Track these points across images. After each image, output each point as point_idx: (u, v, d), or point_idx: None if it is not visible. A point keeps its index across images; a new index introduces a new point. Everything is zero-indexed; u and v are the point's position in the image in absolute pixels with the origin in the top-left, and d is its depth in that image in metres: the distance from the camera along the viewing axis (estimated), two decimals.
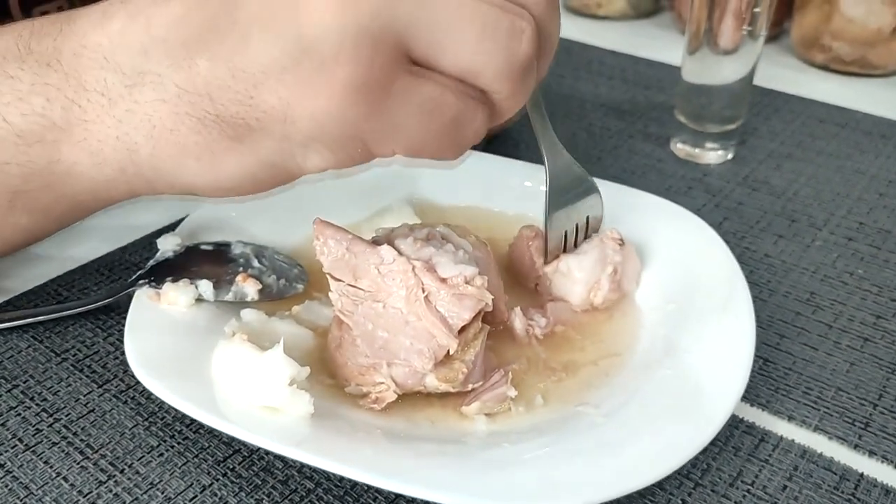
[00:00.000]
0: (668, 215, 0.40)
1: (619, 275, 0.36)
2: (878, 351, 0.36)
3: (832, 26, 0.63)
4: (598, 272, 0.36)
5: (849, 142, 0.54)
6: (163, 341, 0.31)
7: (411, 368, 0.30)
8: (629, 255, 0.37)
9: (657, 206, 0.40)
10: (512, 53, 0.26)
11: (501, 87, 0.27)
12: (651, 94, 0.60)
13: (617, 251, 0.36)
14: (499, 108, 0.28)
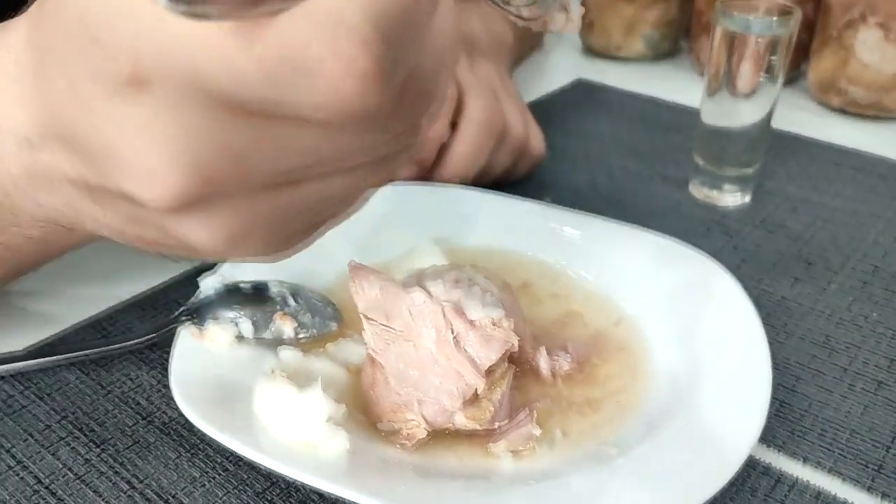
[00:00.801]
0: (685, 259, 0.41)
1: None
2: (891, 394, 0.37)
3: (848, 71, 0.65)
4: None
5: (864, 186, 0.55)
6: (206, 377, 0.33)
7: (441, 407, 0.32)
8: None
9: (675, 251, 0.42)
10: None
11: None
12: (669, 136, 0.62)
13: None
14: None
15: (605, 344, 0.38)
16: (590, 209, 0.50)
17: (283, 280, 0.39)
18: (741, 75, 0.50)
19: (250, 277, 0.39)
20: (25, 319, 0.40)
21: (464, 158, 0.48)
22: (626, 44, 0.76)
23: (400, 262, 0.42)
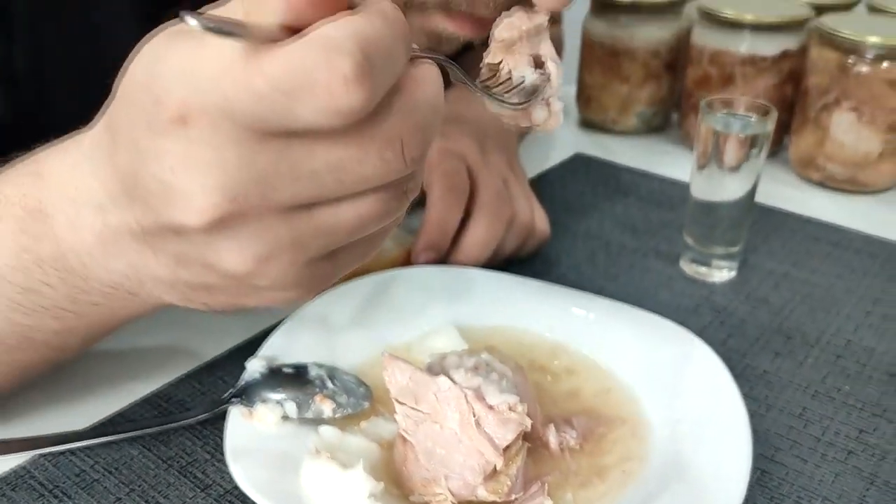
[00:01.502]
0: (675, 338, 0.46)
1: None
2: (859, 463, 0.42)
3: (825, 149, 0.71)
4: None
5: (840, 261, 0.61)
6: (256, 453, 0.38)
7: (465, 481, 0.36)
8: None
9: (667, 330, 0.47)
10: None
11: None
12: (662, 212, 0.68)
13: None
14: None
15: (607, 417, 0.43)
16: (591, 285, 0.55)
17: (320, 363, 0.44)
18: (728, 151, 0.56)
19: (290, 360, 0.44)
20: (87, 395, 0.45)
21: (477, 244, 0.53)
22: (621, 119, 0.82)
23: (421, 341, 0.48)
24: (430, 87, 0.27)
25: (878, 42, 0.65)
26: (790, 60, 0.72)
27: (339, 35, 0.24)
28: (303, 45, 0.24)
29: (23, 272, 0.33)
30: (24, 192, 0.32)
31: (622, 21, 0.78)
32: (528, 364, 0.46)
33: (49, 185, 0.32)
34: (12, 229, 0.32)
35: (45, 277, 0.33)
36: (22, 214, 0.32)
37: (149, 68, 0.26)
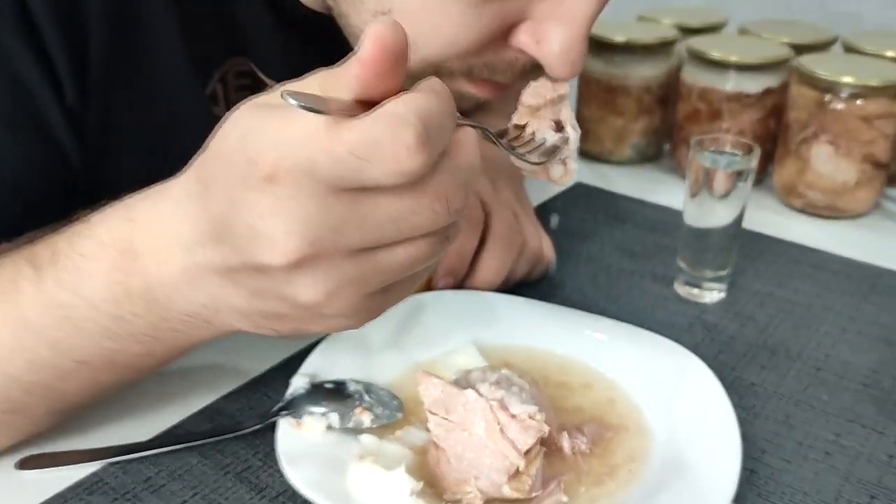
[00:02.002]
0: (672, 354, 0.52)
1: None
2: (836, 462, 0.47)
3: (806, 178, 0.77)
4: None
5: (819, 281, 0.67)
6: (306, 459, 0.43)
7: (492, 481, 0.42)
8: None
9: (664, 347, 0.53)
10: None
11: None
12: (657, 236, 0.73)
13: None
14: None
15: (613, 424, 0.49)
16: (594, 306, 0.61)
17: (357, 379, 0.49)
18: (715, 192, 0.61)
19: (330, 377, 0.49)
20: (147, 410, 0.50)
21: (491, 270, 0.58)
22: (617, 150, 0.88)
23: (445, 359, 0.53)
24: (471, 151, 0.33)
25: (851, 82, 0.71)
26: (772, 97, 0.78)
27: (403, 110, 0.29)
28: (374, 118, 0.29)
29: (113, 303, 0.38)
30: (117, 234, 0.38)
31: (617, 60, 0.84)
32: (541, 379, 0.51)
33: (140, 228, 0.37)
34: (106, 267, 0.38)
35: (132, 308, 0.38)
36: (115, 254, 0.38)
37: (244, 133, 0.31)
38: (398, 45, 0.29)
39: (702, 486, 0.43)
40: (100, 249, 0.38)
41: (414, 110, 0.29)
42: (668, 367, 0.51)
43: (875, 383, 0.55)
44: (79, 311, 0.39)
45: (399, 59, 0.29)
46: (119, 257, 0.37)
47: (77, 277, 0.38)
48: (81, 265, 0.38)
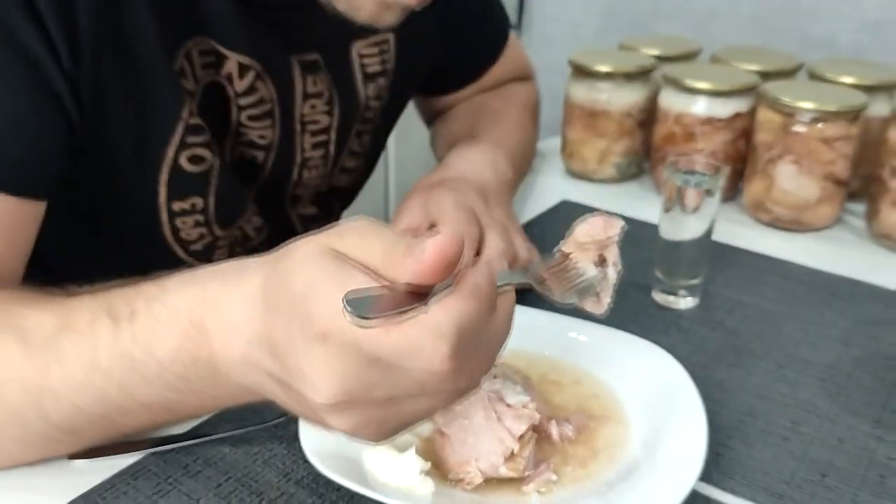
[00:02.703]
0: (647, 353, 0.58)
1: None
2: (791, 447, 0.54)
3: (772, 195, 0.83)
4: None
5: (784, 290, 0.73)
6: (326, 446, 0.49)
7: (490, 462, 0.48)
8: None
9: (639, 346, 0.59)
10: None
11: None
12: (637, 250, 0.79)
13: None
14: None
15: (596, 415, 0.55)
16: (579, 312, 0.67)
17: None
18: (687, 207, 0.68)
19: None
20: None
21: None
22: (600, 169, 0.95)
23: None
24: (505, 325, 0.38)
25: (812, 107, 0.78)
26: (741, 120, 0.85)
27: (445, 323, 0.34)
28: (418, 328, 0.34)
29: (181, 364, 0.43)
30: (190, 308, 0.43)
31: (599, 87, 0.91)
32: (534, 375, 0.57)
33: (210, 308, 0.42)
34: (178, 334, 0.43)
35: (196, 371, 0.43)
36: (187, 325, 0.43)
37: (309, 286, 0.36)
38: (456, 255, 0.34)
39: (672, 466, 0.49)
40: (174, 318, 0.43)
41: (453, 322, 0.35)
42: (646, 366, 0.58)
43: (831, 378, 0.61)
44: (148, 367, 0.44)
45: (454, 264, 0.35)
46: (190, 328, 0.43)
47: (151, 338, 0.43)
48: (156, 328, 0.43)
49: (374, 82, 0.75)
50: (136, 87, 0.57)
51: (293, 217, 0.77)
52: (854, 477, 0.52)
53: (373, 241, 0.37)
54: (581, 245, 0.48)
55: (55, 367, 0.45)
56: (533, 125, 0.94)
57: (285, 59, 0.67)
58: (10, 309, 0.47)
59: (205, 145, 0.62)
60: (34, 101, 0.52)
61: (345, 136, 0.75)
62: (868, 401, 0.59)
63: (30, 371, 0.45)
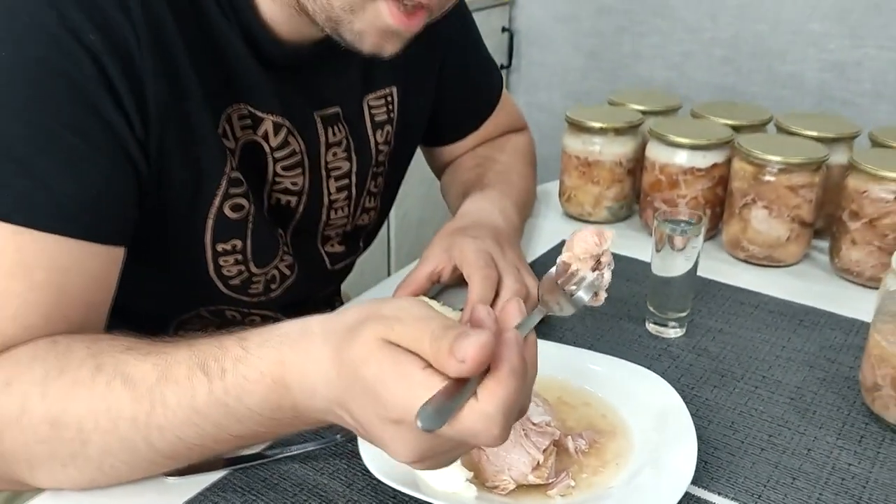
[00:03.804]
0: (645, 378, 0.69)
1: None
2: (768, 455, 0.65)
3: (748, 235, 0.95)
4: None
5: (759, 319, 0.84)
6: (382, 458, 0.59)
7: (519, 472, 0.58)
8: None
9: (638, 372, 0.69)
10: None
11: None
12: (630, 285, 0.91)
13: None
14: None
15: (604, 431, 0.65)
16: (583, 342, 0.78)
17: None
18: (675, 249, 0.79)
19: None
20: None
21: None
22: (595, 211, 1.06)
23: None
24: (533, 369, 0.49)
25: (779, 160, 0.90)
26: (718, 169, 0.97)
27: (493, 411, 0.44)
28: (474, 417, 0.45)
29: (268, 410, 0.53)
30: (271, 370, 0.52)
31: (593, 140, 1.02)
32: (550, 399, 0.68)
33: (290, 371, 0.52)
34: (263, 389, 0.53)
35: (283, 413, 0.53)
36: (270, 382, 0.52)
37: (379, 381, 0.46)
38: (488, 355, 0.44)
39: (668, 472, 0.59)
40: (259, 377, 0.53)
41: (499, 408, 0.45)
42: (644, 389, 0.68)
43: (799, 397, 0.72)
44: (240, 411, 0.54)
45: (488, 360, 0.45)
46: (273, 385, 0.52)
47: (241, 391, 0.53)
48: (244, 384, 0.53)
49: (382, 129, 0.86)
50: (190, 148, 0.68)
51: (322, 254, 0.88)
52: (819, 480, 0.62)
53: (420, 334, 0.47)
54: (578, 258, 0.59)
55: (160, 409, 0.55)
56: (532, 172, 1.05)
57: (310, 115, 0.78)
58: (119, 357, 0.57)
59: (244, 195, 0.72)
60: (115, 164, 0.62)
61: (364, 178, 0.86)
62: (831, 416, 0.70)
63: (139, 411, 0.55)
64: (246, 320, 0.83)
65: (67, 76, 0.59)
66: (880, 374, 0.68)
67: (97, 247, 0.61)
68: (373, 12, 0.63)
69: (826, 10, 2.00)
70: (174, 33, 0.64)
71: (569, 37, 2.39)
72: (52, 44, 0.59)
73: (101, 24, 0.60)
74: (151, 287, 0.75)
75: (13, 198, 0.58)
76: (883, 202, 0.86)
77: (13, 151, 0.58)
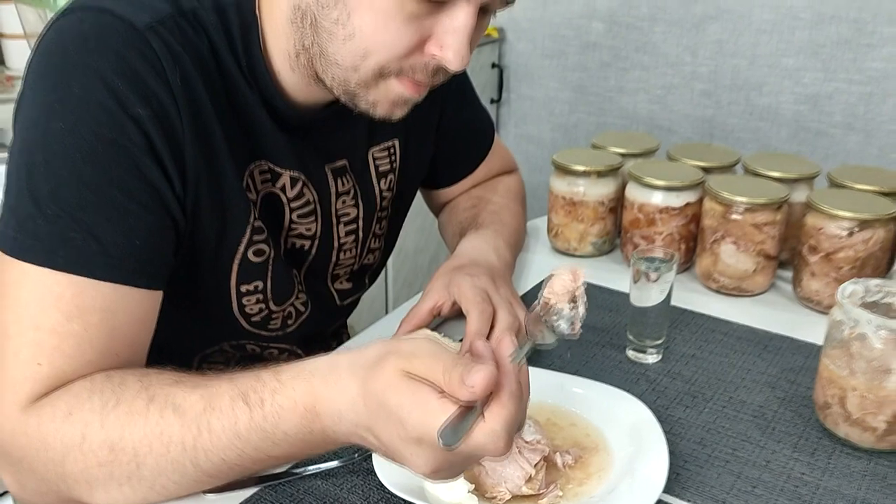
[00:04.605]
0: (624, 400, 0.78)
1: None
2: (732, 467, 0.74)
3: (718, 267, 1.04)
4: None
5: (728, 345, 0.94)
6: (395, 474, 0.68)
7: (514, 484, 0.67)
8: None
9: (618, 395, 0.79)
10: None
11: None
12: (612, 315, 1.00)
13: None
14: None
15: (588, 447, 0.74)
16: (569, 368, 0.87)
17: None
18: (650, 282, 0.88)
19: None
20: None
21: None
22: (580, 246, 1.15)
23: None
24: (527, 392, 0.59)
25: (745, 200, 1.00)
26: (691, 208, 1.07)
27: (498, 428, 0.54)
28: (482, 435, 0.54)
29: (301, 434, 0.62)
30: (304, 400, 0.61)
31: (577, 182, 1.12)
32: (541, 420, 0.77)
33: (321, 400, 0.61)
34: (296, 416, 0.62)
35: (313, 437, 0.62)
36: (303, 410, 0.61)
37: (401, 406, 0.55)
38: (492, 385, 0.54)
39: (643, 482, 0.68)
40: (293, 405, 0.62)
41: (503, 425, 0.55)
42: (623, 410, 0.77)
43: (761, 415, 0.81)
44: (276, 435, 0.63)
45: (492, 388, 0.54)
46: (305, 412, 0.62)
47: (277, 418, 0.62)
48: (280, 412, 0.62)
49: (385, 178, 0.96)
50: (219, 201, 0.77)
51: (332, 291, 0.97)
52: (776, 488, 0.71)
53: (434, 367, 0.56)
54: (557, 294, 0.68)
55: (206, 434, 0.64)
56: (523, 211, 1.15)
57: (321, 168, 0.87)
58: (168, 389, 0.66)
59: (265, 241, 0.82)
60: (157, 219, 0.72)
61: (370, 222, 0.95)
62: (788, 431, 0.79)
63: (187, 436, 0.64)
64: (265, 353, 0.92)
65: (116, 143, 0.68)
66: (829, 394, 0.77)
67: (141, 291, 0.71)
68: (385, 86, 0.73)
69: (799, 46, 2.12)
70: (206, 101, 0.74)
71: (556, 72, 2.50)
72: (103, 115, 0.68)
73: (145, 96, 0.69)
74: (180, 324, 0.84)
75: (70, 250, 0.67)
76: (837, 238, 0.96)
77: (70, 210, 0.67)
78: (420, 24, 0.69)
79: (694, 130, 2.31)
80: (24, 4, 1.70)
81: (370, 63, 0.71)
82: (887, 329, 0.72)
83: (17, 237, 0.67)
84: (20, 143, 0.69)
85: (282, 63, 0.78)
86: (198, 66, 0.73)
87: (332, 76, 0.74)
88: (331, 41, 0.71)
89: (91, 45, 0.68)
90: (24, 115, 0.70)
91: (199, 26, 0.74)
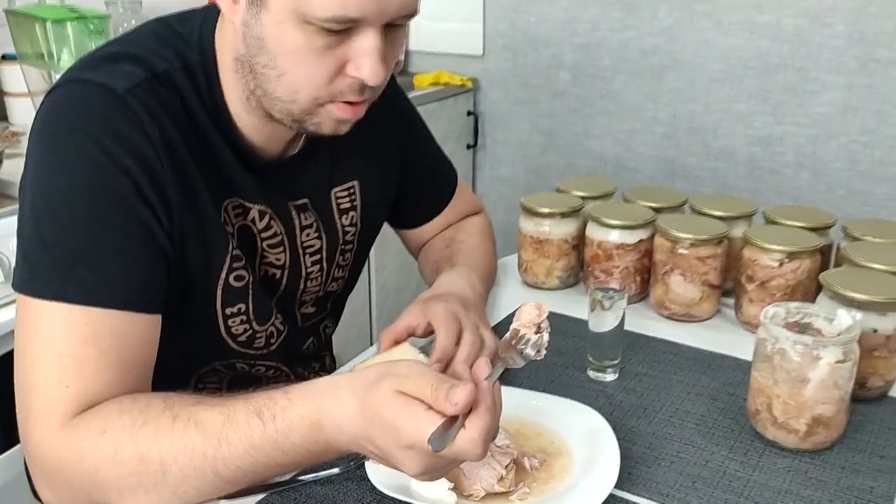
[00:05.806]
0: (584, 413, 0.90)
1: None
2: (676, 467, 0.85)
3: (669, 296, 1.17)
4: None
5: (676, 365, 1.06)
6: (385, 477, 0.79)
7: (488, 483, 0.78)
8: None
9: (579, 408, 0.90)
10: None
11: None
12: (575, 340, 1.12)
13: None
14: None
15: (552, 452, 0.86)
16: (536, 387, 0.99)
17: None
18: (605, 310, 1.01)
19: None
20: None
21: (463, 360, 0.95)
22: (547, 280, 1.28)
23: None
24: (500, 407, 0.71)
25: (690, 236, 1.13)
26: (644, 244, 1.20)
27: (477, 437, 0.65)
28: (464, 441, 0.66)
29: (308, 444, 0.73)
30: (310, 415, 0.72)
31: (543, 222, 1.25)
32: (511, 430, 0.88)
33: (324, 415, 0.72)
34: (303, 429, 0.73)
35: (318, 447, 0.73)
36: (309, 423, 0.73)
37: (396, 419, 0.67)
38: (472, 400, 0.66)
39: (599, 480, 0.80)
40: (300, 420, 0.73)
41: (481, 433, 0.66)
42: (582, 421, 0.89)
43: (703, 423, 0.93)
44: (286, 446, 0.74)
45: (471, 403, 0.67)
46: (311, 426, 0.73)
47: (288, 431, 0.73)
48: (290, 426, 0.73)
49: (347, 214, 1.07)
50: (201, 234, 0.88)
51: (298, 315, 1.08)
52: (712, 482, 0.83)
53: (423, 386, 0.68)
54: (525, 325, 0.80)
55: (225, 446, 0.74)
56: (493, 248, 1.27)
57: (285, 204, 0.99)
58: (191, 408, 0.77)
59: (243, 268, 0.93)
60: (150, 252, 0.82)
61: (332, 254, 1.07)
62: (725, 436, 0.91)
63: (208, 448, 0.74)
64: (253, 370, 1.03)
65: (110, 191, 0.80)
66: (758, 402, 0.89)
67: (142, 315, 0.81)
68: (325, 111, 0.85)
69: (750, 92, 2.29)
70: (182, 149, 0.85)
71: (528, 118, 2.66)
72: (96, 168, 0.79)
73: (130, 149, 0.80)
74: (175, 347, 0.93)
75: (79, 284, 0.78)
76: (770, 268, 1.09)
77: (75, 251, 0.79)
78: (333, 54, 0.78)
79: (657, 170, 2.47)
80: (28, 65, 1.82)
81: (303, 96, 0.81)
82: (802, 344, 0.85)
83: (32, 280, 0.78)
84: (29, 198, 0.81)
85: (240, 108, 0.90)
86: (172, 119, 0.84)
87: (278, 110, 0.85)
88: (268, 82, 0.82)
89: (79, 110, 0.80)
90: (30, 173, 0.82)
91: (171, 85, 0.86)
